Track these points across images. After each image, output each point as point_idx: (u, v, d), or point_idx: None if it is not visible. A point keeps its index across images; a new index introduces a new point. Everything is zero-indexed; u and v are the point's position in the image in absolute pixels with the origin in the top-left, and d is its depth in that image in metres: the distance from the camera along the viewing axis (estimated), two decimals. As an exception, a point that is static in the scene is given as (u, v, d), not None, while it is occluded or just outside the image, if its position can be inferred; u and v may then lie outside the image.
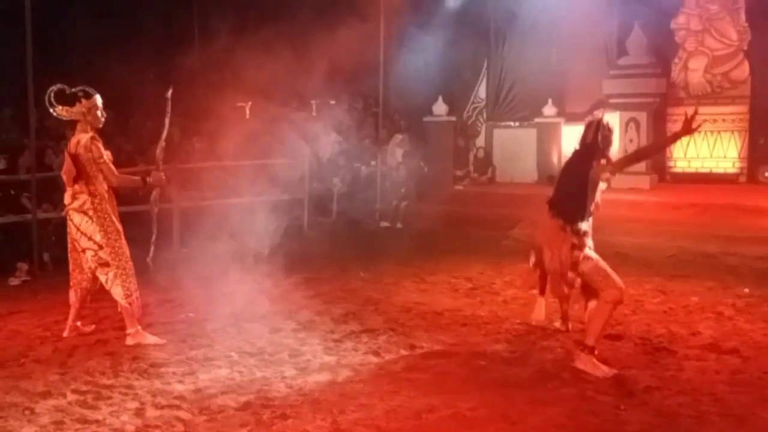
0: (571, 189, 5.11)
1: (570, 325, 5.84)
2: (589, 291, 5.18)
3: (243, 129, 10.40)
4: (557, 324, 5.92)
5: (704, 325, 6.01)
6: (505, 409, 4.28)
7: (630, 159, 5.60)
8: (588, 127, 5.15)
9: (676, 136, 5.38)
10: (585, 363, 4.92)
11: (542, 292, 5.56)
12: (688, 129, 4.97)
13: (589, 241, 5.11)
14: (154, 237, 5.94)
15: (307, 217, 11.23)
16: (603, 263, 5.08)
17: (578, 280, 5.11)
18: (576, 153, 5.22)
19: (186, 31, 7.72)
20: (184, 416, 4.20)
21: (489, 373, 4.92)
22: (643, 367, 5.02)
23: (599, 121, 5.11)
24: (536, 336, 5.77)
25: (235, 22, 7.92)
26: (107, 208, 5.53)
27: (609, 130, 5.10)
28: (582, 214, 5.08)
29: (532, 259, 5.49)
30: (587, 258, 5.04)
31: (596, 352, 4.97)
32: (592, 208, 5.13)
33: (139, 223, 6.97)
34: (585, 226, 5.10)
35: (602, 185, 5.13)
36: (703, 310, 6.52)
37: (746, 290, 7.21)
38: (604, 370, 4.86)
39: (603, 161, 5.10)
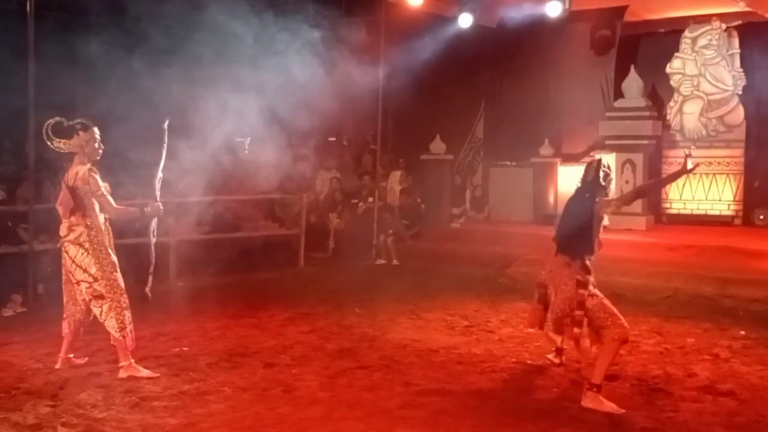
0: (577, 224, 5.24)
1: (563, 358, 5.85)
2: (593, 328, 5.18)
3: (241, 163, 10.47)
4: (550, 357, 5.92)
5: (700, 367, 5.99)
6: (500, 448, 4.25)
7: (633, 194, 5.96)
8: (589, 166, 5.40)
9: (677, 175, 5.70)
10: (592, 401, 4.93)
11: (541, 326, 5.59)
12: (685, 169, 5.30)
13: (591, 278, 5.16)
14: (152, 267, 5.93)
15: (304, 252, 11.22)
16: (607, 301, 5.13)
17: (585, 319, 5.13)
18: (579, 190, 5.40)
19: (187, 64, 7.79)
20: (175, 451, 4.16)
21: (484, 412, 4.88)
22: (639, 408, 4.99)
23: (599, 160, 5.37)
24: (532, 375, 5.75)
25: (235, 55, 8.00)
26: (103, 241, 5.53)
27: (609, 168, 5.37)
28: (587, 249, 5.18)
29: (536, 296, 5.53)
30: (592, 295, 5.10)
31: (602, 390, 4.97)
32: (596, 244, 5.22)
33: (134, 255, 6.97)
34: (589, 262, 5.17)
35: (605, 220, 5.27)
36: (700, 351, 6.50)
37: (742, 332, 7.20)
38: (612, 407, 4.88)
39: (605, 197, 5.28)
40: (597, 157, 5.44)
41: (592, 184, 5.25)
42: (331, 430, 4.50)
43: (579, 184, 5.39)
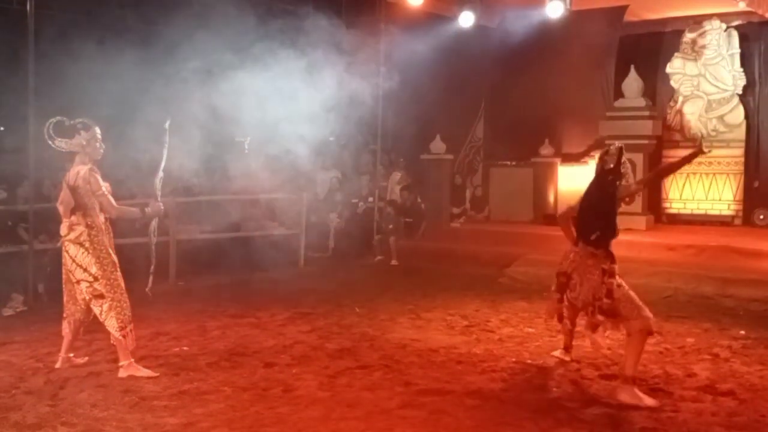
0: (600, 212, 5.24)
1: (572, 355, 5.87)
2: (616, 319, 5.18)
3: (241, 163, 10.48)
4: (557, 353, 5.93)
5: (700, 367, 5.99)
6: (500, 448, 4.25)
7: (653, 176, 5.85)
8: (606, 154, 5.35)
9: (692, 157, 5.56)
10: (627, 394, 4.97)
11: (560, 318, 5.60)
12: (699, 150, 5.49)
13: (616, 267, 5.18)
14: (152, 267, 5.93)
15: (304, 252, 11.23)
16: (632, 292, 5.14)
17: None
18: (599, 177, 5.37)
19: (186, 64, 7.81)
20: (175, 450, 4.17)
21: (484, 412, 4.88)
22: (639, 407, 4.97)
23: (621, 147, 5.32)
24: (532, 374, 5.75)
25: (234, 54, 8.02)
26: (104, 240, 5.53)
27: (625, 157, 5.36)
28: (611, 236, 5.19)
29: (554, 286, 5.53)
30: (619, 285, 5.12)
31: (636, 382, 5.02)
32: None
33: (134, 255, 6.97)
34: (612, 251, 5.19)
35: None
36: (699, 351, 6.50)
37: (742, 332, 7.21)
38: (648, 401, 4.92)
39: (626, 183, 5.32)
40: (617, 144, 5.39)
41: (614, 171, 5.24)
42: (331, 430, 4.50)
43: (597, 172, 5.37)
